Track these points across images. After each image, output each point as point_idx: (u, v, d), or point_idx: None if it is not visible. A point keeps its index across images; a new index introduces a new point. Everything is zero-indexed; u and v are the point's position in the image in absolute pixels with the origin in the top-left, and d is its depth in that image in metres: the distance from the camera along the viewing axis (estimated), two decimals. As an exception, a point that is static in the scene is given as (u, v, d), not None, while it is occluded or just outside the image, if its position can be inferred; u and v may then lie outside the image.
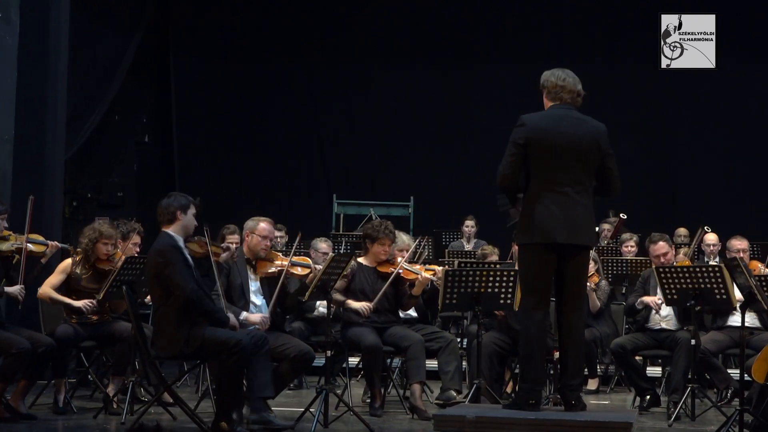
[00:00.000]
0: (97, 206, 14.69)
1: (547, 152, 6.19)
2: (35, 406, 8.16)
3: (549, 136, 6.19)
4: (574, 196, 6.21)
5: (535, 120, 6.27)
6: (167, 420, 7.63)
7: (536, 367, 6.29)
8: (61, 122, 10.76)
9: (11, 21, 9.89)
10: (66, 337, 8.00)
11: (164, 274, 6.77)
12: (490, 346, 8.31)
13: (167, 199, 6.99)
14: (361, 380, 9.89)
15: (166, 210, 6.94)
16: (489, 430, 6.07)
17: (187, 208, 6.96)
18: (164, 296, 6.81)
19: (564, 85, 6.34)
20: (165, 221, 6.95)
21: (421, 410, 8.14)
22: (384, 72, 16.20)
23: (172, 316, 6.77)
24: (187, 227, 7.00)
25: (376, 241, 8.51)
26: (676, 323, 8.87)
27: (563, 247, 6.20)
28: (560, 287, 6.33)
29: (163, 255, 6.80)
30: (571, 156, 6.20)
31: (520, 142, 6.20)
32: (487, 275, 8.02)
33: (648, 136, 16.06)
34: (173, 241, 6.86)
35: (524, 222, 6.25)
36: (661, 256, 8.96)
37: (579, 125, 6.28)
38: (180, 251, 6.85)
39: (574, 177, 6.23)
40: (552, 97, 6.36)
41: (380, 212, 14.67)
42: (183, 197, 7.01)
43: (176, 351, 6.83)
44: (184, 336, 6.72)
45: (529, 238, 6.21)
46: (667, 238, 9.13)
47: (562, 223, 6.17)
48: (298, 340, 7.97)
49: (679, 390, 8.40)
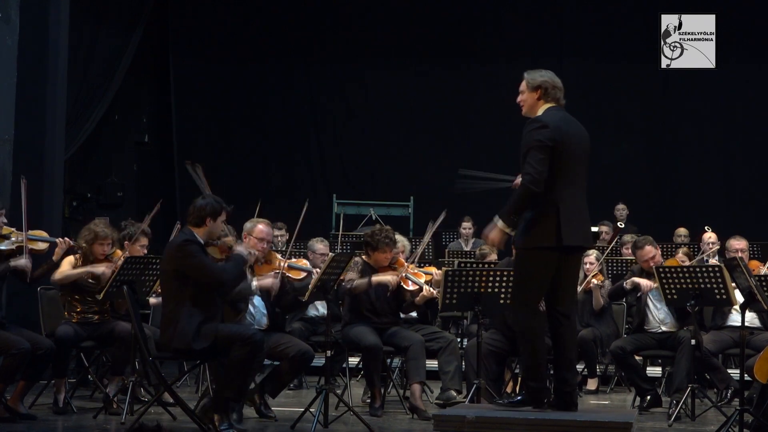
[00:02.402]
0: (96, 206, 14.71)
1: (568, 153, 6.13)
2: (35, 406, 8.15)
3: (566, 138, 6.14)
4: (584, 198, 6.24)
5: (555, 121, 6.16)
6: (167, 420, 7.62)
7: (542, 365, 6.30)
8: (60, 122, 10.76)
9: (11, 21, 9.89)
10: (66, 337, 7.99)
11: (185, 265, 6.75)
12: (487, 346, 8.30)
13: (201, 201, 6.95)
14: (361, 380, 9.89)
15: (198, 213, 6.90)
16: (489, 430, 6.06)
17: (218, 215, 6.91)
18: (179, 291, 6.79)
19: (559, 87, 6.30)
20: (193, 223, 6.92)
21: (420, 410, 8.14)
22: (384, 72, 16.22)
23: (185, 311, 6.73)
24: (213, 233, 6.98)
25: (377, 250, 8.51)
26: (675, 323, 8.88)
27: (570, 249, 6.20)
28: (556, 288, 6.31)
29: (182, 249, 6.79)
30: (582, 157, 6.23)
31: (550, 144, 6.05)
32: (486, 275, 8.01)
33: (648, 136, 16.08)
34: (193, 237, 6.85)
35: (546, 224, 6.12)
36: (649, 260, 8.97)
37: (579, 127, 6.30)
38: (197, 244, 6.82)
39: (583, 177, 6.26)
40: (550, 98, 6.26)
41: (380, 212, 14.68)
42: (217, 203, 6.94)
43: (186, 345, 6.75)
44: (194, 330, 6.70)
45: (561, 241, 6.09)
46: (651, 241, 9.13)
47: (584, 226, 6.20)
48: (298, 340, 7.98)
49: (682, 390, 8.40)
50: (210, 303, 6.86)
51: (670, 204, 15.76)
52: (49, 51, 10.49)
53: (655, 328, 8.97)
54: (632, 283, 9.07)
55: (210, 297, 6.86)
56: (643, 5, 15.31)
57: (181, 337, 6.74)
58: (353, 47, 16.07)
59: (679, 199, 15.86)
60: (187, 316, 6.73)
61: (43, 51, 10.43)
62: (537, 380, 6.29)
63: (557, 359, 6.40)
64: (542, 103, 6.26)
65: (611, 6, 15.80)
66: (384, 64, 16.19)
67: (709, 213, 14.67)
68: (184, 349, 6.81)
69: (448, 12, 16.03)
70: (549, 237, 6.10)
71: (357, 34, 16.08)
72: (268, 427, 7.68)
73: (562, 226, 6.09)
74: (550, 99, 6.24)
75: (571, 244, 6.12)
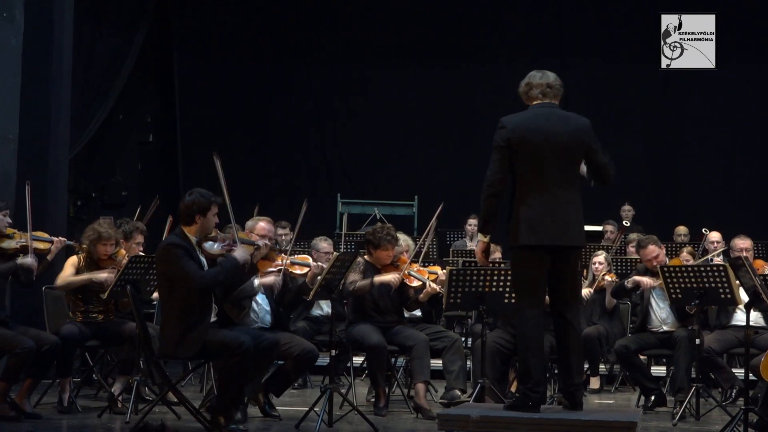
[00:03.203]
0: (101, 205, 14.72)
1: (530, 152, 6.18)
2: (40, 405, 8.15)
3: (531, 136, 6.19)
4: (561, 196, 6.19)
5: (516, 121, 6.26)
6: (172, 419, 7.62)
7: (535, 368, 6.25)
8: (65, 121, 10.77)
9: (15, 20, 9.89)
10: (70, 336, 7.99)
11: (168, 270, 6.73)
12: (492, 345, 8.30)
13: (188, 198, 6.87)
14: (365, 379, 9.88)
15: (186, 211, 6.84)
16: (493, 430, 6.06)
17: (207, 210, 6.82)
18: (169, 294, 6.79)
19: (538, 83, 6.34)
20: (184, 221, 6.86)
21: (425, 409, 8.14)
22: (388, 71, 16.22)
23: (172, 317, 6.72)
24: (206, 228, 6.89)
25: (379, 248, 8.51)
26: (675, 322, 8.88)
27: (553, 248, 6.20)
28: (553, 288, 6.33)
29: (166, 253, 6.75)
30: (555, 154, 6.18)
31: (502, 145, 6.20)
32: (491, 274, 8.01)
33: (648, 136, 16.07)
34: (180, 240, 6.78)
35: (512, 224, 6.23)
36: (653, 260, 8.96)
37: (560, 122, 6.26)
38: (182, 247, 6.72)
39: (560, 175, 6.20)
40: (531, 98, 6.36)
41: (384, 212, 14.67)
42: (204, 198, 6.84)
43: (171, 352, 6.77)
44: (178, 338, 6.64)
45: (517, 240, 6.20)
46: (655, 240, 9.12)
47: (549, 225, 6.16)
48: (302, 339, 7.97)
49: (684, 388, 8.39)
50: (200, 307, 6.74)
51: (670, 204, 15.75)
52: (53, 50, 10.49)
53: (657, 328, 8.98)
54: (633, 282, 9.08)
55: (200, 300, 6.75)
56: (643, 5, 15.31)
57: (166, 343, 6.75)
58: (355, 47, 16.08)
59: (678, 199, 15.85)
60: (173, 324, 6.68)
61: (47, 50, 10.43)
62: (523, 382, 6.30)
63: (559, 360, 6.41)
64: (531, 105, 6.37)
65: (611, 6, 15.80)
66: (385, 64, 16.19)
67: (708, 213, 14.69)
68: (171, 356, 6.84)
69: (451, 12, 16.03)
70: (514, 237, 6.22)
71: (358, 34, 16.09)
72: (273, 426, 7.68)
73: (520, 225, 6.17)
74: (531, 99, 6.36)
75: (528, 243, 6.15)
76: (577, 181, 6.30)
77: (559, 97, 6.39)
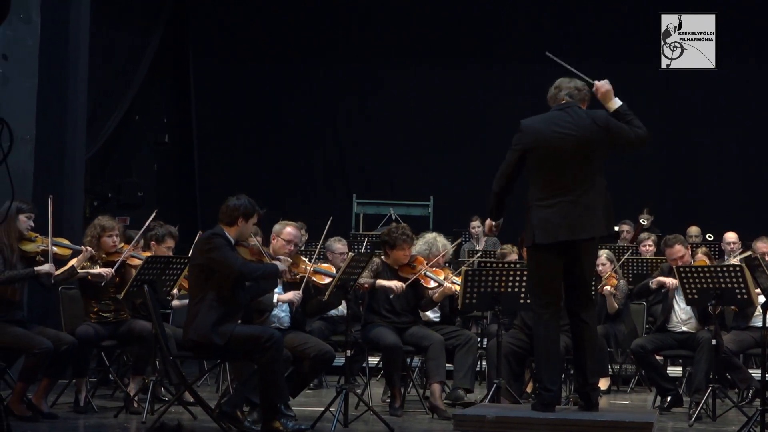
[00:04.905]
0: (116, 206, 14.75)
1: (546, 155, 6.26)
2: (56, 405, 8.18)
3: (547, 139, 6.27)
4: (575, 199, 6.22)
5: (533, 123, 6.38)
6: (188, 419, 7.65)
7: (548, 369, 6.26)
8: (81, 122, 10.79)
9: (32, 21, 9.92)
10: (86, 336, 8.00)
11: (210, 258, 6.81)
12: (507, 346, 8.29)
13: (235, 201, 7.01)
14: (381, 380, 9.89)
15: (230, 212, 6.98)
16: (509, 430, 6.06)
17: (249, 217, 7.00)
18: (203, 286, 6.84)
19: (558, 86, 6.52)
20: (225, 222, 7.00)
21: (441, 410, 8.14)
22: (404, 71, 16.21)
23: (205, 305, 6.79)
24: (243, 234, 7.06)
25: (395, 248, 8.51)
26: (697, 324, 8.84)
27: (567, 246, 6.21)
28: (568, 287, 6.34)
29: (209, 242, 6.88)
30: (573, 155, 6.23)
31: (517, 147, 6.35)
32: (506, 275, 8.00)
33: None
34: (222, 232, 6.93)
35: (527, 226, 6.33)
36: (678, 259, 8.93)
37: (577, 121, 6.30)
38: (225, 238, 6.89)
39: (577, 176, 6.24)
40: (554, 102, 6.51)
41: (400, 212, 14.67)
42: (251, 204, 7.02)
43: (203, 338, 6.78)
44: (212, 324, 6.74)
45: (531, 240, 6.29)
46: (682, 240, 9.10)
47: (561, 224, 6.20)
48: (318, 340, 7.96)
49: (701, 390, 8.36)
50: (231, 301, 6.89)
51: (670, 204, 15.69)
52: (69, 51, 10.52)
53: (676, 327, 8.94)
54: (658, 283, 9.04)
55: (232, 295, 6.89)
56: (643, 5, 15.26)
57: (198, 329, 6.78)
58: (371, 47, 16.06)
59: (678, 199, 15.80)
60: (207, 310, 6.78)
61: (63, 51, 10.46)
62: (541, 383, 6.31)
63: (575, 360, 6.41)
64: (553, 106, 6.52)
65: (611, 6, 15.78)
66: (403, 64, 16.18)
67: (708, 213, 14.68)
68: (201, 342, 6.83)
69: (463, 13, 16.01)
70: (529, 236, 6.32)
71: (376, 35, 16.07)
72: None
73: (534, 226, 6.26)
74: (558, 101, 6.49)
75: (541, 242, 6.23)
76: (598, 179, 6.30)
77: (586, 102, 6.49)
